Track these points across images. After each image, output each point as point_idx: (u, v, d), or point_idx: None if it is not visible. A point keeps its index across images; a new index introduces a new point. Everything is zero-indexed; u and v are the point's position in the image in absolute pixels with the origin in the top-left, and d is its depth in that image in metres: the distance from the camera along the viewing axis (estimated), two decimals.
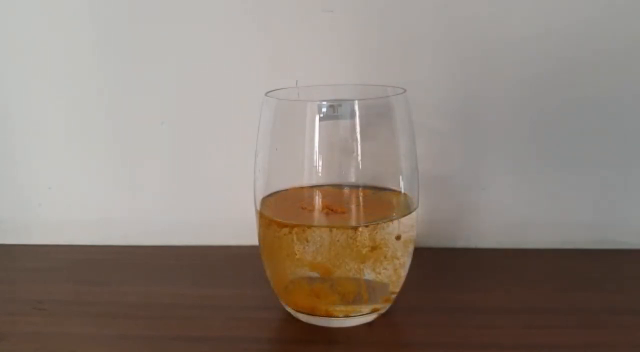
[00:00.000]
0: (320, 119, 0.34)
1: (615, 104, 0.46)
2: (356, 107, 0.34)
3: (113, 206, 0.51)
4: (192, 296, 0.41)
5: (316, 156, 0.35)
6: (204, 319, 0.38)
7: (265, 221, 0.36)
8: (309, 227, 0.34)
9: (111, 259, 0.49)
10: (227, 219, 0.50)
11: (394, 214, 0.36)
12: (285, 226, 0.35)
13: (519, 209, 0.48)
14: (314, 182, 0.36)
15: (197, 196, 0.50)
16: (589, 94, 0.46)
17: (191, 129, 0.49)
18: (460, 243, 0.49)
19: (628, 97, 0.46)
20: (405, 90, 0.36)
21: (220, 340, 0.36)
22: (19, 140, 0.51)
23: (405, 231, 0.36)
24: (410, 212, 0.36)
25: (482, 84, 0.46)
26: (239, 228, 0.47)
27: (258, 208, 0.37)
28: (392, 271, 0.36)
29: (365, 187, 0.37)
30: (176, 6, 0.47)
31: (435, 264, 0.46)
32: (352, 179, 0.36)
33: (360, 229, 0.34)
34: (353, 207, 0.37)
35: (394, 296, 0.38)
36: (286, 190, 0.38)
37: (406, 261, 0.37)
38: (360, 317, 0.37)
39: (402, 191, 0.37)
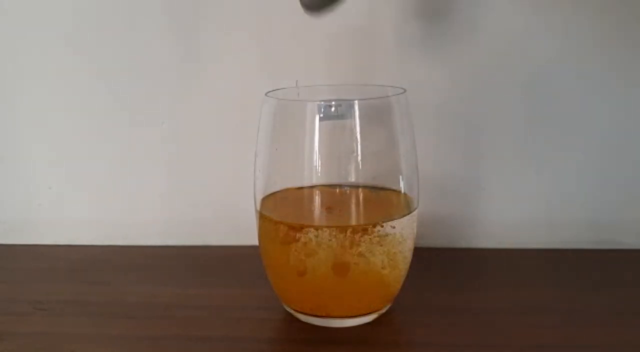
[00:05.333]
0: (320, 119, 0.34)
1: (615, 104, 0.46)
2: (356, 107, 0.34)
3: (113, 206, 0.51)
4: (192, 296, 0.41)
5: (316, 156, 0.35)
6: (204, 319, 0.38)
7: (265, 221, 0.36)
8: (309, 227, 0.34)
9: (111, 259, 0.49)
10: (227, 219, 0.50)
11: (394, 214, 0.36)
12: (286, 225, 0.35)
13: (519, 209, 0.48)
14: (314, 182, 0.36)
15: (197, 196, 0.50)
16: (589, 95, 0.46)
17: (191, 129, 0.49)
18: (461, 243, 0.49)
19: (629, 98, 0.46)
20: (405, 90, 0.36)
21: (220, 340, 0.36)
22: (20, 140, 0.51)
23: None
24: (410, 212, 0.36)
25: (482, 84, 0.46)
26: (239, 228, 0.47)
27: (258, 208, 0.37)
28: (392, 271, 0.36)
29: (365, 187, 0.37)
30: (176, 6, 0.47)
31: (435, 264, 0.46)
32: (352, 179, 0.36)
33: (360, 228, 0.34)
34: (353, 207, 0.38)
35: (394, 296, 0.38)
36: (286, 190, 0.38)
37: (406, 261, 0.37)
38: (360, 317, 0.37)
39: (402, 191, 0.37)
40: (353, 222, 0.36)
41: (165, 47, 0.48)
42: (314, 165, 0.35)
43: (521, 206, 0.48)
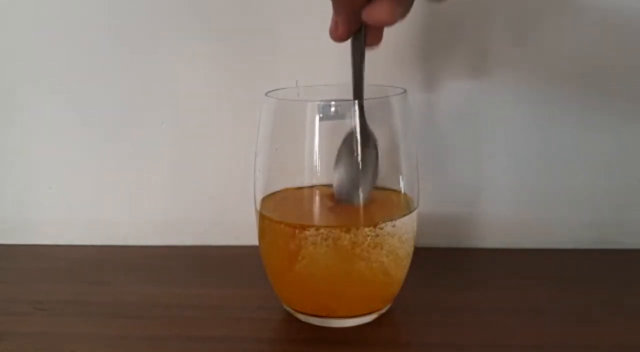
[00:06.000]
0: (320, 119, 0.34)
1: (614, 104, 0.46)
2: (356, 107, 0.34)
3: (113, 206, 0.51)
4: (192, 296, 0.41)
5: (316, 156, 0.35)
6: (204, 319, 0.38)
7: (265, 221, 0.36)
8: (309, 226, 0.34)
9: (111, 259, 0.49)
10: (227, 219, 0.50)
11: (394, 214, 0.36)
12: (285, 225, 0.35)
13: (519, 209, 0.48)
14: (314, 182, 0.36)
15: (197, 196, 0.50)
16: (589, 94, 0.46)
17: (191, 129, 0.49)
18: (461, 243, 0.49)
19: (628, 97, 0.46)
20: (405, 90, 0.36)
21: (220, 340, 0.36)
22: (19, 140, 0.51)
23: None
24: (410, 212, 0.36)
25: (481, 84, 0.46)
26: (239, 228, 0.47)
27: (258, 208, 0.37)
28: (392, 271, 0.36)
29: None
30: (177, 6, 0.47)
31: (435, 264, 0.45)
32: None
33: (360, 228, 0.34)
34: (353, 207, 0.37)
35: (394, 296, 0.38)
36: (286, 190, 0.38)
37: (406, 261, 0.37)
38: (360, 317, 0.37)
39: (402, 190, 0.37)
40: (353, 222, 0.36)
41: (164, 47, 0.48)
42: (314, 165, 0.35)
43: (521, 206, 0.48)
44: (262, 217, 0.37)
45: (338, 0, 0.30)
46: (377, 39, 0.34)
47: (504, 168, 0.48)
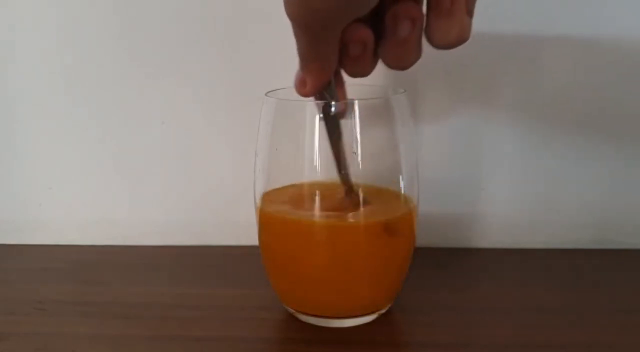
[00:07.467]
0: (320, 119, 0.34)
1: (615, 105, 0.46)
2: (356, 107, 0.34)
3: (113, 206, 0.51)
4: (192, 296, 0.41)
5: (316, 156, 0.35)
6: (204, 319, 0.38)
7: (265, 221, 0.36)
8: (309, 226, 0.34)
9: (111, 259, 0.49)
10: (227, 219, 0.50)
11: (394, 214, 0.36)
12: (285, 225, 0.35)
13: (519, 209, 0.48)
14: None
15: (197, 196, 0.50)
16: (588, 95, 0.46)
17: (191, 129, 0.49)
18: (461, 243, 0.49)
19: (627, 98, 0.46)
20: (405, 90, 0.36)
21: (220, 340, 0.36)
22: (20, 140, 0.51)
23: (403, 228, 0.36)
24: (410, 212, 0.36)
25: (481, 84, 0.46)
26: (239, 228, 0.47)
27: (258, 208, 0.37)
28: (392, 271, 0.36)
29: (365, 186, 0.37)
30: (177, 6, 0.47)
31: (435, 264, 0.46)
32: (352, 178, 0.36)
33: (360, 228, 0.34)
34: (353, 206, 0.37)
35: (394, 296, 0.38)
36: (286, 189, 0.38)
37: (406, 260, 0.37)
38: (360, 317, 0.37)
39: (402, 191, 0.37)
40: (352, 221, 0.36)
41: (165, 47, 0.48)
42: (314, 165, 0.35)
43: (521, 206, 0.48)
44: (262, 217, 0.37)
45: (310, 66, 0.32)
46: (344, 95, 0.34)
47: (504, 168, 0.48)
